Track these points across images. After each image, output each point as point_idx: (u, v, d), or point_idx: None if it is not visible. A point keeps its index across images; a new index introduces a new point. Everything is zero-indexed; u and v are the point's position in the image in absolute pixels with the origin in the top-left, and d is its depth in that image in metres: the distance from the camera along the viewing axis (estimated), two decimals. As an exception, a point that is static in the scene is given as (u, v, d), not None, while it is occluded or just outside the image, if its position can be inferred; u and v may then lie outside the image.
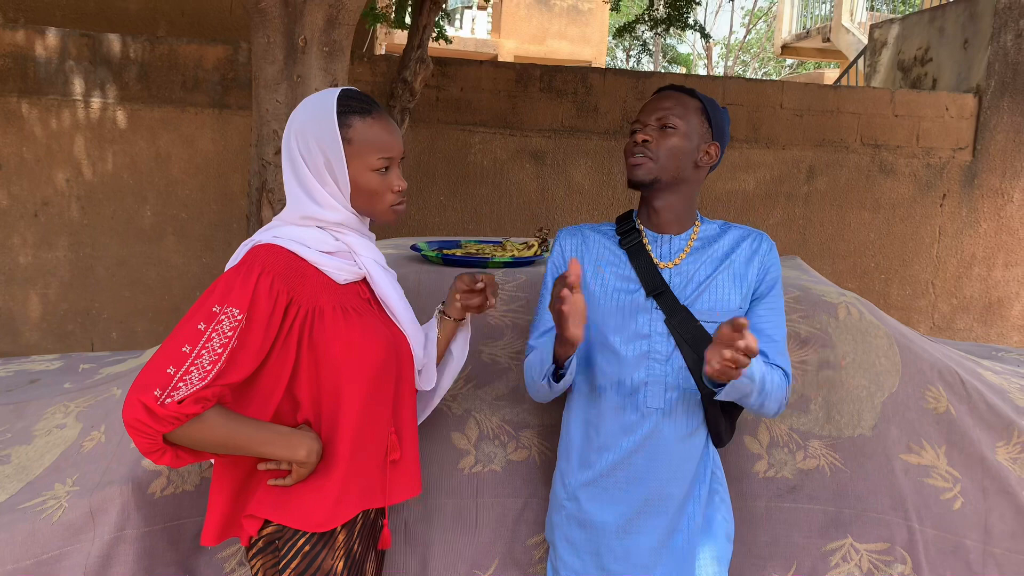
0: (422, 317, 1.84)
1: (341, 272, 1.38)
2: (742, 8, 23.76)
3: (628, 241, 1.59)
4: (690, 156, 1.55)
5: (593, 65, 13.63)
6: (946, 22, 6.53)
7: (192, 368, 1.21)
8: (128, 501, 1.58)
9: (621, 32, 5.79)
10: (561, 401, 1.81)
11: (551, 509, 1.63)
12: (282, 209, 1.52)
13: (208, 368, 1.22)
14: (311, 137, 1.36)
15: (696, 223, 1.62)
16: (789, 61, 21.66)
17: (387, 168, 1.40)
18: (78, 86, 4.93)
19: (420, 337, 1.51)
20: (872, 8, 11.95)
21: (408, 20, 6.09)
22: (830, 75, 14.35)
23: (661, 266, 1.57)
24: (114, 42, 4.95)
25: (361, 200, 1.40)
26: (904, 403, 1.91)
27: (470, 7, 14.64)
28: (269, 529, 1.37)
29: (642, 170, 1.54)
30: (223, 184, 5.18)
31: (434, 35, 6.56)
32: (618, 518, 1.52)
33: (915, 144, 6.02)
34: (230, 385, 1.26)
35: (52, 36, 4.87)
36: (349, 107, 1.37)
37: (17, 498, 1.65)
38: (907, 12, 10.76)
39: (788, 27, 12.64)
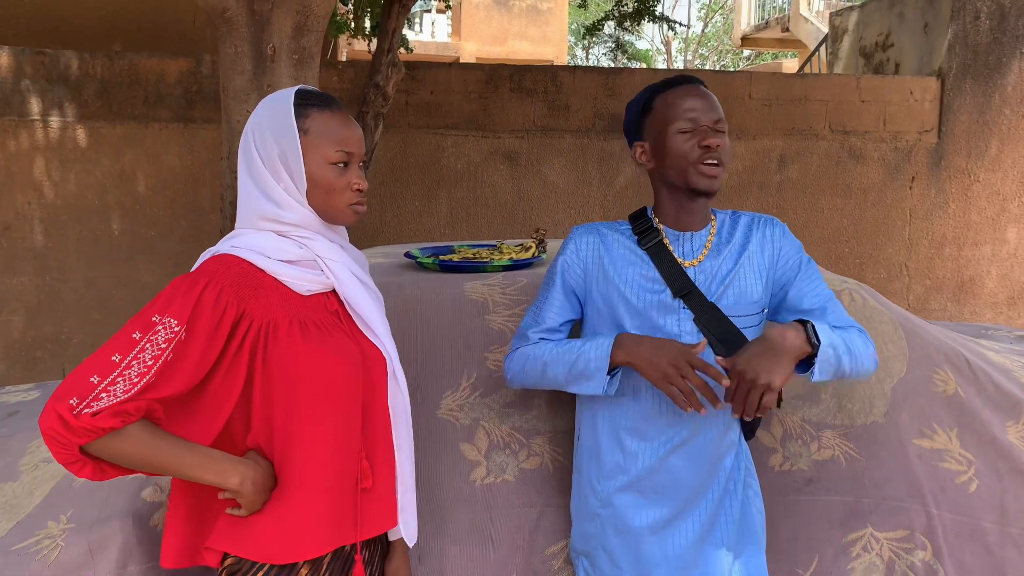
0: (422, 326, 1.79)
1: (303, 282, 1.29)
2: (698, 1, 23.97)
3: (648, 240, 1.54)
4: None
5: (555, 64, 13.63)
6: (906, 7, 6.61)
7: (119, 379, 1.14)
8: (129, 536, 1.50)
9: (591, 30, 5.77)
10: (575, 404, 1.77)
11: (581, 520, 1.59)
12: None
13: (135, 380, 1.14)
14: (267, 129, 1.29)
15: (712, 217, 1.59)
16: (747, 53, 21.88)
17: (346, 164, 1.32)
18: (35, 105, 4.78)
19: (396, 350, 1.41)
20: (827, -3, 12.11)
21: (371, 28, 6.01)
22: (788, 65, 14.51)
23: (684, 264, 1.52)
24: (71, 59, 4.81)
25: (317, 197, 1.31)
26: (913, 388, 1.89)
27: (429, 10, 14.57)
28: (229, 561, 1.27)
29: (717, 181, 1.51)
30: (192, 199, 5.06)
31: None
32: (657, 520, 1.49)
33: (882, 128, 6.08)
34: (161, 400, 1.18)
35: (5, 55, 4.72)
36: (308, 100, 1.31)
37: (8, 539, 1.56)
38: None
39: (747, 18, 12.76)
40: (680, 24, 5.80)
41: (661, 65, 24.92)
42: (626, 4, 5.29)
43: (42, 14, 6.56)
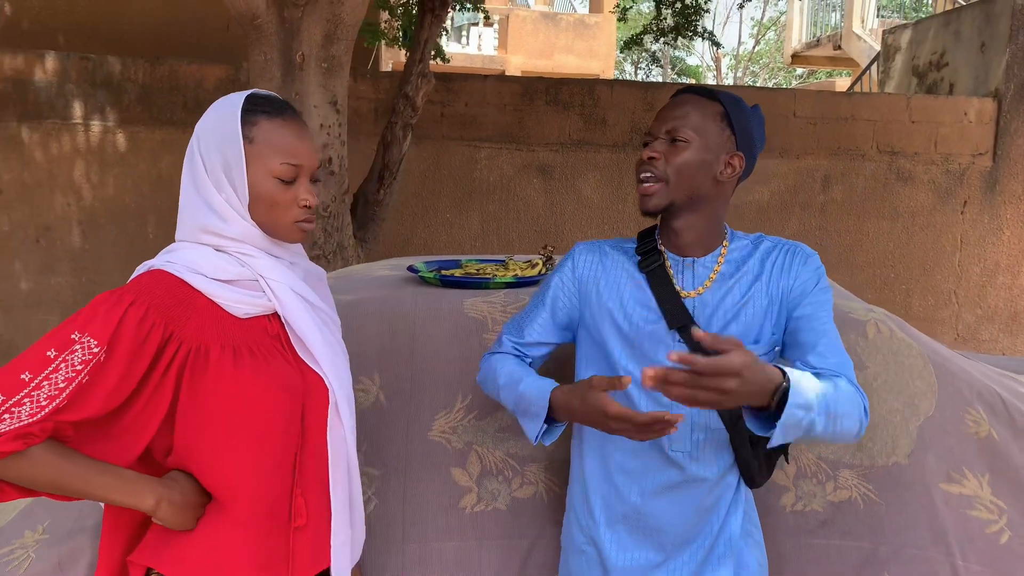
0: (418, 342, 1.72)
1: (240, 305, 1.19)
2: (751, 19, 23.71)
3: (648, 263, 1.41)
4: (708, 171, 1.35)
5: (601, 78, 13.56)
6: (962, 25, 6.38)
7: (26, 400, 1.05)
8: (97, 551, 1.46)
9: (629, 44, 5.69)
10: (570, 434, 1.68)
11: (567, 553, 1.50)
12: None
13: (44, 403, 1.05)
14: (212, 135, 1.20)
15: (724, 243, 1.42)
16: (800, 71, 21.54)
17: (294, 179, 1.21)
18: (78, 109, 4.87)
19: (347, 378, 1.31)
20: (882, 15, 11.83)
21: (405, 38, 6.02)
22: (842, 84, 14.21)
23: (683, 295, 1.39)
24: (114, 64, 4.89)
25: (261, 211, 1.21)
26: (942, 428, 1.76)
27: (476, 24, 14.62)
28: None
29: (652, 200, 1.35)
30: (226, 205, 5.09)
31: (432, 54, 6.50)
32: (642, 563, 1.39)
33: (933, 150, 5.87)
34: (72, 422, 1.09)
35: (51, 60, 4.82)
36: (258, 107, 1.21)
37: (-15, 547, 1.53)
38: (919, 17, 10.62)
39: (798, 36, 12.53)
40: (718, 44, 5.67)
41: (711, 82, 24.67)
42: (665, 18, 5.20)
43: (92, 22, 6.71)
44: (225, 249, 1.21)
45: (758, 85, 23.14)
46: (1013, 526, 1.71)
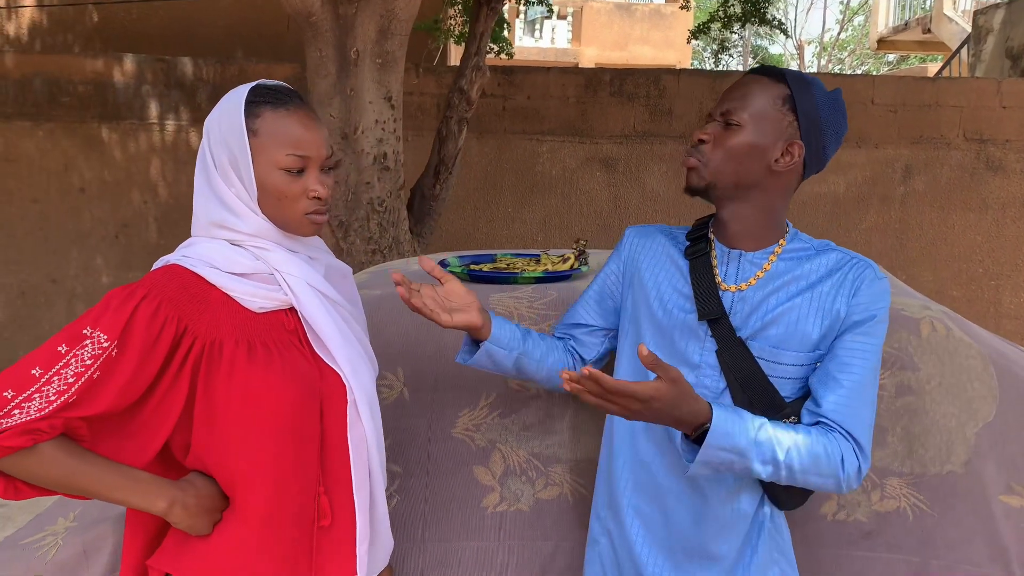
0: (443, 339, 1.69)
1: (255, 299, 1.17)
2: (840, 2, 22.84)
3: (694, 251, 1.34)
4: (760, 158, 1.26)
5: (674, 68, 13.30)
6: (1060, 3, 5.97)
7: (35, 395, 1.04)
8: (120, 540, 1.49)
9: (696, 33, 5.53)
10: (600, 432, 1.63)
11: (588, 544, 1.46)
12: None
13: (52, 398, 1.04)
14: (218, 129, 1.18)
15: (781, 241, 1.32)
16: (890, 57, 20.64)
17: (302, 170, 1.18)
18: (154, 109, 5.05)
19: (367, 376, 1.27)
20: (978, -5, 11.19)
21: (461, 34, 6.01)
22: (934, 69, 13.53)
23: (723, 288, 1.30)
24: (187, 65, 5.05)
25: (269, 204, 1.18)
26: (1003, 434, 1.62)
27: (550, 17, 14.55)
28: None
29: (694, 175, 1.29)
30: (293, 201, 5.20)
31: (497, 49, 6.46)
32: (656, 562, 1.33)
33: (1027, 137, 5.50)
34: (84, 418, 1.08)
35: (129, 62, 5.01)
36: (262, 97, 1.18)
37: (22, 532, 1.59)
38: (1017, -3, 9.99)
39: (885, 20, 11.98)
40: (786, 33, 5.45)
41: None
42: (733, 5, 5.02)
43: (172, 24, 6.96)
44: (240, 243, 1.20)
45: (845, 73, 22.30)
46: (1082, 544, 1.57)
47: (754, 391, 1.26)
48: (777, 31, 5.49)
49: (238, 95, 1.20)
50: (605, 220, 5.35)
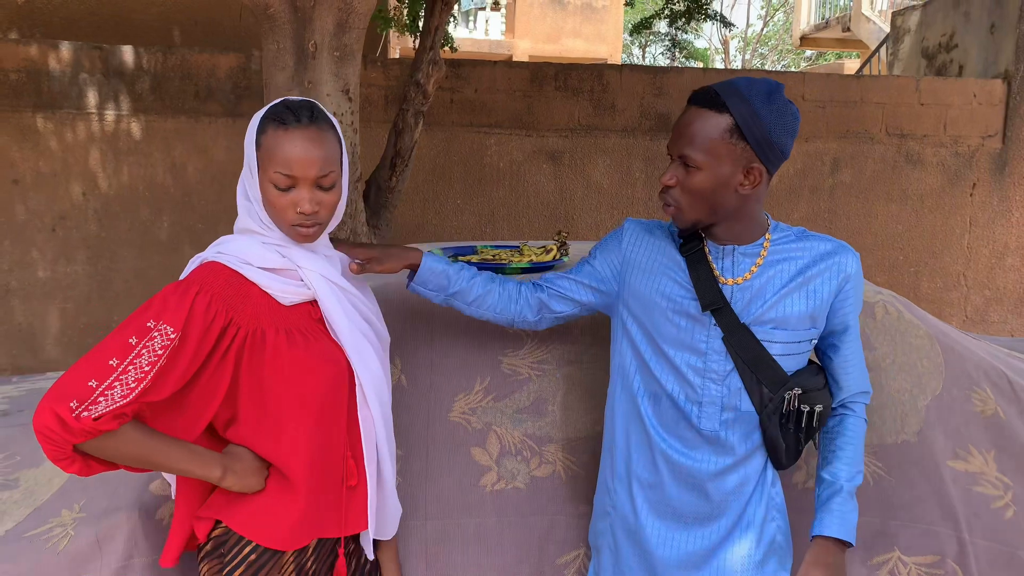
0: (436, 328, 1.76)
1: (286, 294, 1.34)
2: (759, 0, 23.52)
3: (688, 248, 1.44)
4: (726, 189, 1.35)
5: (609, 62, 13.52)
6: (971, 7, 6.36)
7: (116, 383, 1.17)
8: (135, 528, 1.52)
9: (639, 28, 5.69)
10: (589, 411, 1.73)
11: (596, 516, 1.57)
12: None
13: (132, 385, 1.18)
14: (246, 139, 1.35)
15: (767, 235, 1.44)
16: (808, 53, 21.40)
17: (291, 186, 1.31)
18: (92, 99, 4.91)
19: (374, 361, 1.42)
20: (892, -4, 11.74)
21: (413, 25, 6.03)
22: (851, 66, 14.13)
23: (723, 281, 1.42)
24: (127, 53, 4.92)
25: (268, 212, 1.34)
26: (949, 406, 1.80)
27: (483, 8, 14.57)
28: (218, 531, 1.35)
29: (678, 220, 1.41)
30: (239, 193, 5.14)
31: (441, 42, 6.49)
32: (662, 531, 1.45)
33: (942, 133, 5.86)
34: (151, 403, 1.23)
35: (65, 49, 4.86)
36: (275, 114, 1.31)
37: (24, 525, 1.59)
38: (929, -2, 10.55)
39: (807, 18, 12.45)
40: (732, 25, 5.67)
41: (719, 65, 24.53)
42: (677, 2, 5.19)
43: (103, 10, 6.74)
44: (266, 240, 1.35)
45: (766, 68, 22.98)
46: (1018, 502, 1.76)
47: (761, 370, 1.40)
48: (710, 24, 5.69)
49: (263, 110, 1.34)
50: (551, 212, 5.47)
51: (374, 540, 1.50)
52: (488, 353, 1.76)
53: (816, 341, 1.48)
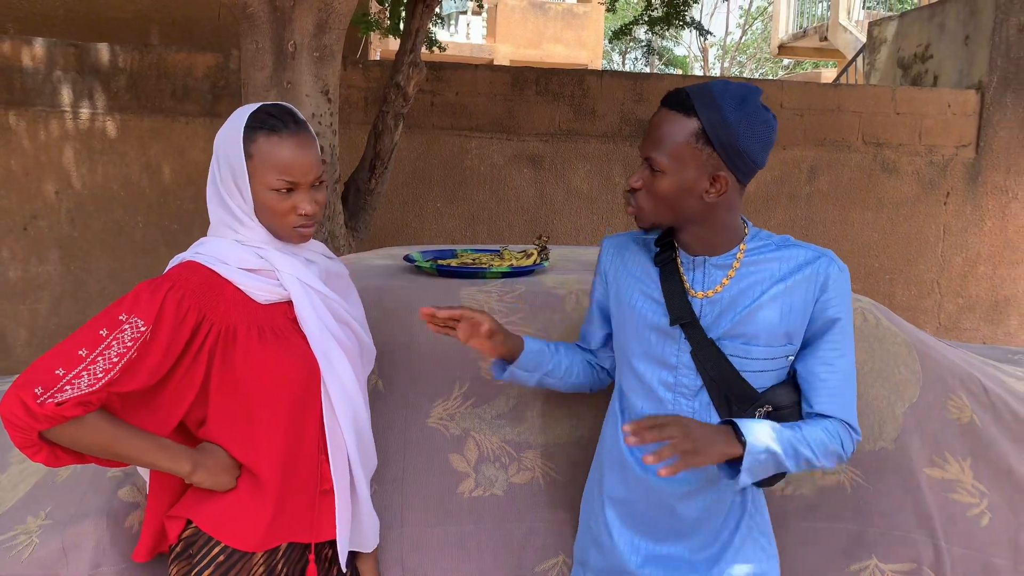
0: (416, 332, 1.74)
1: (262, 293, 1.35)
2: (739, 8, 23.74)
3: (663, 259, 1.40)
4: (690, 195, 1.30)
5: (589, 68, 13.56)
6: (946, 18, 6.44)
7: (84, 372, 1.20)
8: (103, 536, 1.48)
9: (618, 34, 5.71)
10: (568, 417, 1.72)
11: (581, 528, 1.56)
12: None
13: (100, 375, 1.20)
14: (223, 148, 1.34)
15: (741, 245, 1.36)
16: (786, 61, 21.61)
17: (290, 189, 1.33)
18: (66, 96, 4.84)
19: (344, 366, 1.40)
20: (868, 7, 11.89)
21: (395, 27, 6.00)
22: (828, 75, 14.28)
23: (692, 294, 1.36)
24: (102, 51, 4.85)
25: (264, 217, 1.35)
26: (926, 414, 1.81)
27: (465, 12, 14.57)
28: (188, 532, 1.34)
29: (638, 221, 1.36)
30: (215, 194, 5.08)
31: (427, 43, 6.47)
32: (638, 547, 1.43)
33: (918, 142, 5.93)
34: (120, 393, 1.25)
35: (39, 46, 4.78)
36: (260, 122, 1.32)
37: (-12, 532, 1.55)
38: (905, 9, 10.69)
39: (785, 27, 12.57)
40: (709, 33, 5.70)
41: (698, 72, 24.71)
42: (656, 9, 5.21)
43: (80, 7, 6.65)
44: (245, 243, 1.36)
45: (744, 76, 23.19)
46: (993, 509, 1.77)
47: (728, 387, 1.34)
48: (689, 32, 5.72)
49: (241, 117, 1.34)
50: (532, 216, 5.46)
51: (355, 552, 1.48)
52: (466, 358, 1.74)
53: (792, 356, 1.38)
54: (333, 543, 1.44)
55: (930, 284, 6.11)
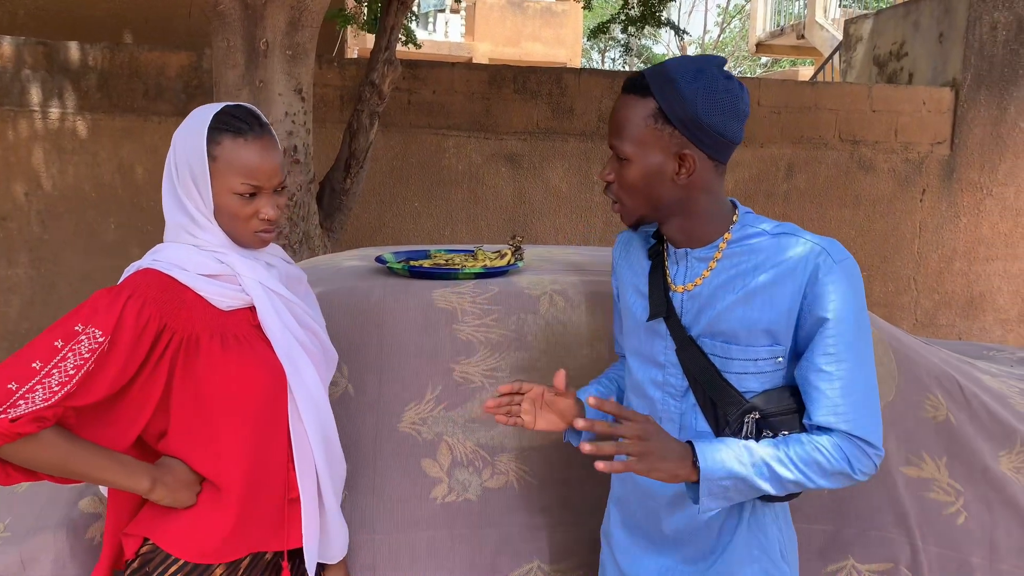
0: (387, 334, 1.71)
1: (223, 299, 1.30)
2: (717, 6, 23.84)
3: (654, 251, 1.34)
4: (661, 180, 1.22)
5: (567, 66, 13.55)
6: (921, 16, 6.49)
7: (38, 386, 1.14)
8: (63, 548, 1.44)
9: (595, 33, 5.70)
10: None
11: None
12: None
13: (55, 389, 1.15)
14: (182, 148, 1.29)
15: (726, 234, 1.27)
16: (764, 59, 21.73)
17: (253, 194, 1.30)
18: (35, 96, 4.75)
19: (310, 372, 1.37)
20: (844, 5, 11.97)
21: (371, 24, 5.95)
22: (805, 72, 14.36)
23: (673, 288, 1.30)
24: (72, 50, 4.77)
25: (224, 221, 1.31)
26: (902, 413, 1.80)
27: (443, 10, 14.51)
28: (145, 548, 1.30)
29: (624, 217, 1.31)
30: (189, 194, 5.01)
31: (403, 39, 6.43)
32: (628, 546, 1.43)
33: (893, 139, 5.97)
34: (76, 407, 1.19)
35: (7, 45, 4.69)
36: (224, 124, 1.28)
37: (-55, 546, 1.50)
38: (881, 7, 10.76)
39: (762, 25, 12.63)
40: (685, 32, 5.70)
41: (677, 70, 24.74)
42: (632, 8, 5.20)
43: (50, 6, 6.54)
44: (203, 247, 1.31)
45: (723, 73, 23.26)
46: (968, 508, 1.76)
47: (711, 388, 1.26)
48: (661, 30, 5.72)
49: (203, 117, 1.30)
50: (510, 215, 5.44)
51: (323, 563, 1.45)
52: (439, 361, 1.71)
53: (783, 359, 1.26)
54: (294, 554, 1.40)
55: (906, 280, 6.15)
